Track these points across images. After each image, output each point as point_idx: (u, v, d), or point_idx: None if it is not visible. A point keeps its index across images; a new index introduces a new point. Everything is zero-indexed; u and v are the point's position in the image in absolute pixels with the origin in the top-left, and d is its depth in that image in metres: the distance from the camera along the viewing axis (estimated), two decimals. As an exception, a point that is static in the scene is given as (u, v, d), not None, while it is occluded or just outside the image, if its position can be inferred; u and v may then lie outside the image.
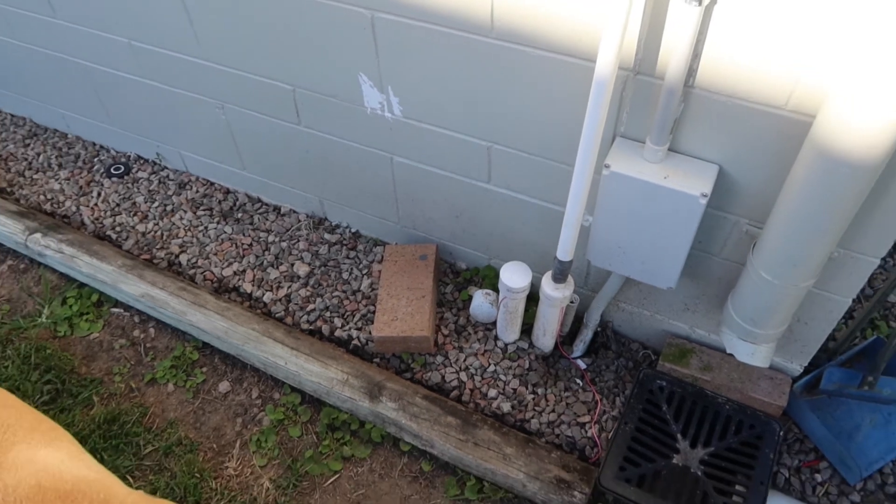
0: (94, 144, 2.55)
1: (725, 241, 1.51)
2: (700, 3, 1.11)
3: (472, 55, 1.45)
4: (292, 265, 2.12)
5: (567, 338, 1.92)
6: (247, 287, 2.07)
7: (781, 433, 1.67)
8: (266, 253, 2.15)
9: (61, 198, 2.36)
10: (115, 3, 1.89)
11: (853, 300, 1.49)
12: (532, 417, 1.77)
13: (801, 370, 1.71)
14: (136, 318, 2.07)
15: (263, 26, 1.68)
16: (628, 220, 1.45)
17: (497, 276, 1.85)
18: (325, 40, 1.62)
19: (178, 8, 1.78)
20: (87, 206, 2.32)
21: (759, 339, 1.52)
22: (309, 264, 2.11)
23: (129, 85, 2.15)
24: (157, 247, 2.20)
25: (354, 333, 1.94)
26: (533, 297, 1.82)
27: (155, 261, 2.16)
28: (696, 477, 1.61)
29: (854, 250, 1.36)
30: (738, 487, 1.60)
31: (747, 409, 1.70)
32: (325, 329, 1.96)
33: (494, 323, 1.92)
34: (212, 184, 2.37)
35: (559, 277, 1.63)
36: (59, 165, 2.48)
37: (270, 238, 2.19)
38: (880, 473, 1.69)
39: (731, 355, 1.67)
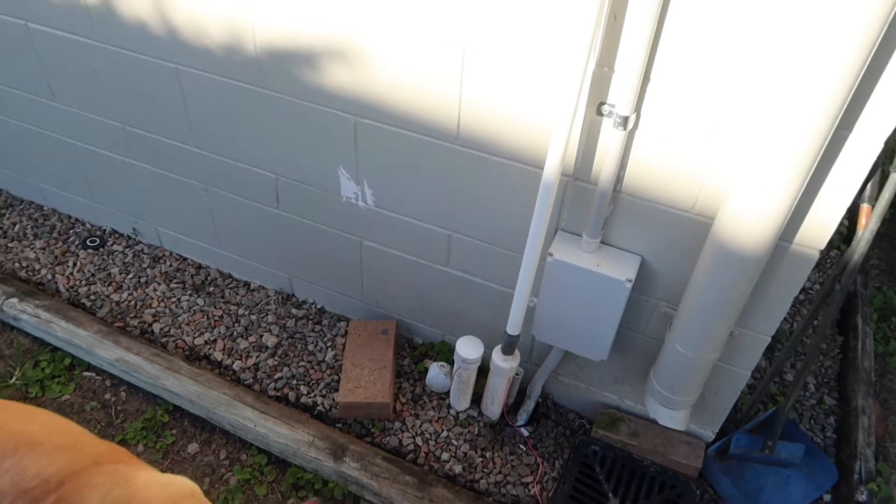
0: (70, 217, 2.69)
1: (648, 320, 1.79)
2: (625, 128, 1.42)
3: (439, 157, 1.73)
4: (261, 336, 2.28)
5: (512, 408, 2.13)
6: (217, 355, 2.22)
7: (698, 492, 1.90)
8: (236, 324, 2.32)
9: (37, 266, 2.48)
10: (116, 92, 2.11)
11: (756, 376, 1.78)
12: (481, 478, 1.95)
13: (714, 436, 1.97)
14: (108, 382, 2.18)
15: (255, 119, 1.93)
16: (567, 301, 1.72)
17: (451, 350, 2.07)
18: (313, 138, 1.88)
19: (177, 100, 2.01)
20: (63, 275, 2.45)
21: (677, 405, 1.78)
22: (277, 336, 2.28)
23: (117, 165, 2.34)
24: (131, 315, 2.33)
25: (319, 400, 2.10)
26: (482, 370, 2.04)
27: (128, 328, 2.29)
28: (625, 531, 1.82)
29: (749, 329, 1.66)
30: (661, 540, 1.81)
31: (669, 471, 1.94)
32: (292, 396, 2.12)
33: (448, 393, 2.12)
34: (185, 259, 2.54)
35: (508, 350, 1.87)
36: (35, 235, 2.60)
37: (240, 311, 2.36)
38: (782, 529, 1.93)
39: (655, 422, 1.93)
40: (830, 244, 2.76)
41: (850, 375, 2.28)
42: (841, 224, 2.78)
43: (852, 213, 1.94)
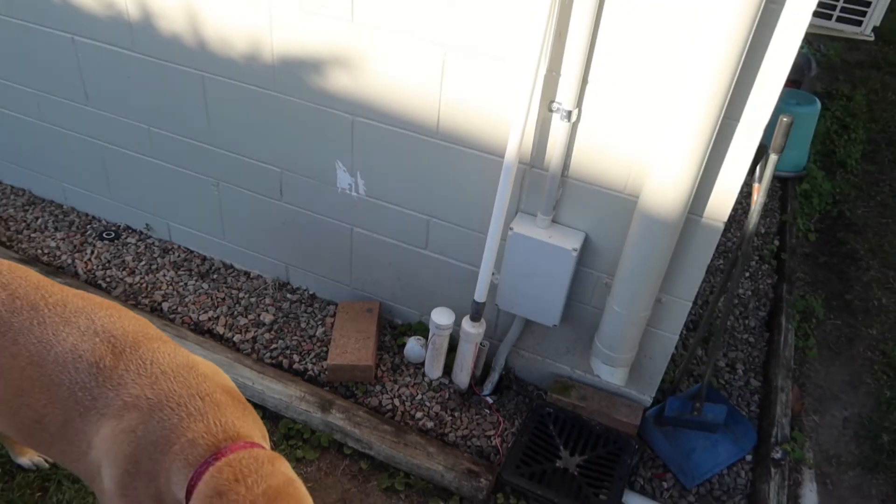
0: (88, 214, 3.00)
1: (592, 292, 2.13)
2: (570, 121, 1.80)
3: (422, 150, 2.09)
4: (259, 315, 2.58)
5: (479, 380, 2.44)
6: (220, 329, 2.51)
7: (636, 447, 2.21)
8: (237, 305, 2.62)
9: (57, 252, 2.77)
10: (145, 96, 2.46)
11: (684, 353, 2.11)
12: (450, 432, 2.24)
13: (651, 401, 2.29)
14: (122, 349, 2.45)
15: (267, 120, 2.29)
16: (525, 269, 2.06)
17: (427, 329, 2.38)
18: (315, 135, 2.23)
19: (200, 104, 2.37)
20: (81, 261, 2.74)
21: (617, 362, 2.11)
22: (273, 315, 2.59)
23: (138, 164, 2.67)
24: (143, 295, 2.62)
25: (310, 367, 2.39)
26: (453, 346, 2.36)
27: (140, 306, 2.58)
28: (573, 475, 2.11)
29: (673, 295, 2.01)
30: (604, 483, 2.11)
31: (612, 430, 2.24)
32: (285, 363, 2.41)
33: (423, 363, 2.43)
34: (191, 251, 2.85)
35: (475, 316, 2.20)
36: (56, 228, 2.90)
37: (241, 294, 2.66)
38: (709, 482, 2.23)
39: (601, 390, 2.25)
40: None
41: (772, 362, 2.63)
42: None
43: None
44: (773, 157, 1.73)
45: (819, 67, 5.07)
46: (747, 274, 3.07)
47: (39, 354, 1.33)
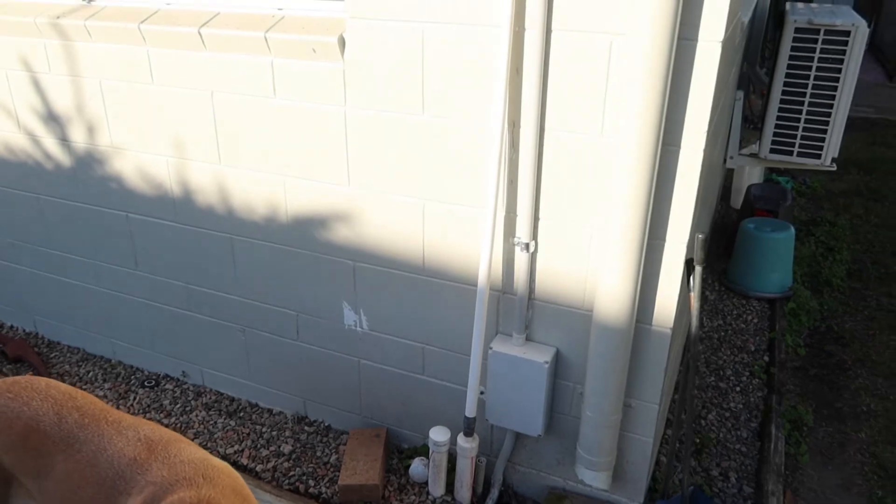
0: (132, 366, 3.37)
1: (570, 402, 2.36)
2: (528, 251, 2.16)
3: (412, 287, 2.45)
4: (279, 446, 2.84)
5: (481, 498, 2.61)
6: (244, 461, 2.77)
7: (629, 552, 2.32)
8: (260, 438, 2.88)
9: (105, 401, 3.11)
10: (184, 258, 2.91)
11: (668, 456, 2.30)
12: (452, 545, 2.39)
13: (640, 507, 2.43)
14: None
15: (285, 270, 2.69)
16: (506, 384, 2.32)
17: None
18: (323, 280, 2.62)
19: (229, 261, 2.80)
20: (125, 406, 3.08)
21: (598, 466, 2.29)
22: (292, 446, 2.84)
23: (178, 317, 3.08)
24: (177, 434, 2.91)
25: (323, 490, 2.61)
26: (454, 464, 2.56)
27: (174, 443, 2.86)
28: (567, 581, 2.23)
29: (640, 399, 2.23)
30: (597, 587, 2.21)
31: (605, 536, 2.37)
32: (301, 488, 2.63)
33: (427, 482, 2.62)
34: (221, 393, 3.17)
35: (468, 431, 2.43)
36: (104, 379, 3.27)
37: (263, 429, 2.94)
38: (704, 587, 2.31)
39: (593, 498, 2.42)
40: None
41: (764, 469, 2.74)
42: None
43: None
44: (698, 269, 2.03)
45: (803, 198, 5.45)
46: (738, 388, 3.24)
47: (95, 457, 1.64)
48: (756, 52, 5.36)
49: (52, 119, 2.96)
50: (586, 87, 1.95)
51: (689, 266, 2.04)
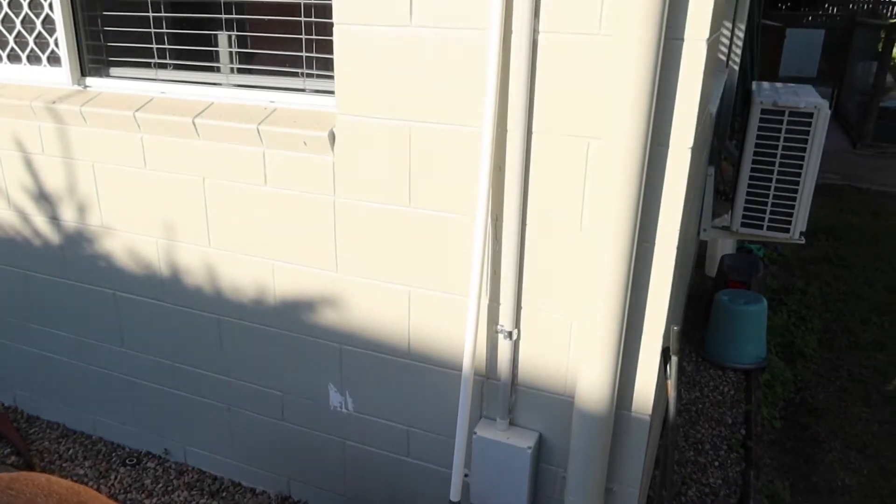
0: (113, 443, 3.34)
1: (555, 487, 2.40)
2: (511, 339, 2.23)
3: (398, 369, 2.50)
4: (262, 528, 2.82)
5: (465, 581, 2.61)
6: (225, 544, 2.74)
7: None
8: (242, 520, 2.87)
9: (85, 480, 3.08)
10: (171, 337, 2.93)
11: (637, 525, 2.34)
12: None
13: (624, 591, 2.44)
14: (136, 568, 2.67)
15: (271, 351, 2.73)
16: (491, 468, 2.36)
17: (414, 530, 2.61)
18: (310, 362, 2.66)
19: (216, 341, 2.83)
20: (105, 486, 3.04)
21: (580, 551, 2.31)
22: (275, 527, 2.83)
23: (162, 395, 3.08)
24: (158, 515, 2.89)
25: (306, 575, 2.59)
26: (439, 544, 2.57)
27: (155, 526, 2.84)
28: None
29: (622, 483, 2.28)
30: None
31: None
32: (284, 573, 2.61)
33: (411, 566, 2.62)
34: (204, 472, 3.15)
35: (452, 516, 2.45)
36: (84, 457, 3.24)
37: (246, 510, 2.92)
38: None
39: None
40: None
41: (743, 547, 2.78)
42: (735, 430, 3.42)
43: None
44: (674, 359, 2.11)
45: (775, 265, 5.61)
46: (717, 463, 3.29)
47: None
48: (726, 127, 5.60)
49: (44, 198, 3.01)
50: (565, 186, 2.05)
51: (665, 355, 2.12)
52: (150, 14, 2.68)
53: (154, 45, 2.72)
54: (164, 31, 2.70)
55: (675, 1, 1.80)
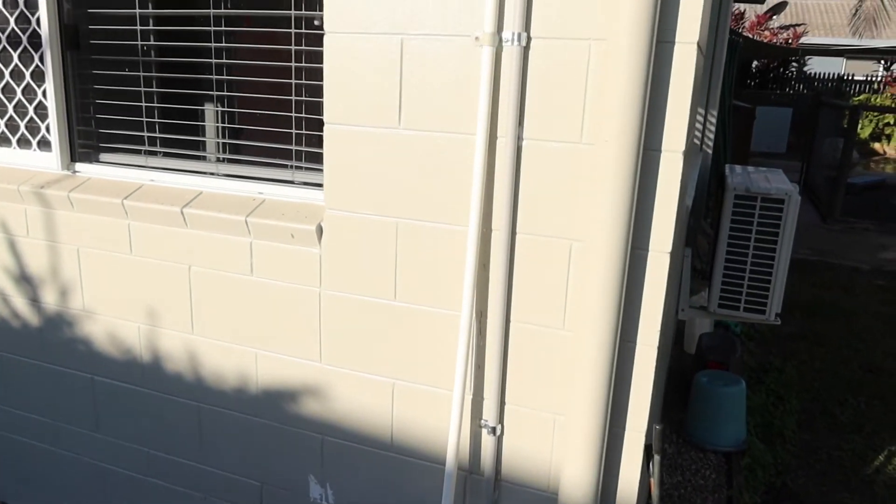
0: (82, 532, 3.23)
1: (538, 584, 2.36)
2: (495, 434, 2.23)
3: (379, 462, 2.47)
4: None
5: None
6: None
7: None
8: None
9: (50, 574, 2.96)
10: (148, 423, 2.88)
11: None
12: None
13: None
14: None
15: (252, 441, 2.69)
16: (474, 567, 2.31)
17: None
18: (290, 452, 2.62)
19: (195, 429, 2.79)
20: (72, 580, 2.93)
21: None
22: None
23: (136, 483, 3.00)
24: None
25: None
26: None
27: None
28: None
29: (605, 583, 2.25)
30: None
31: None
32: None
33: None
34: (176, 563, 3.05)
35: None
36: (51, 548, 3.12)
37: None
38: None
39: None
40: (713, 535, 3.35)
41: None
42: (718, 517, 3.41)
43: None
44: (656, 458, 2.12)
45: (752, 342, 5.69)
46: (700, 552, 3.26)
47: None
48: (701, 206, 5.76)
49: (25, 280, 2.99)
50: (549, 285, 2.10)
51: (648, 453, 2.13)
52: (143, 104, 2.75)
53: (145, 133, 2.78)
54: (156, 120, 2.76)
55: (653, 116, 1.90)
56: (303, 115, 2.47)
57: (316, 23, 2.40)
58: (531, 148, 2.04)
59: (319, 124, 2.33)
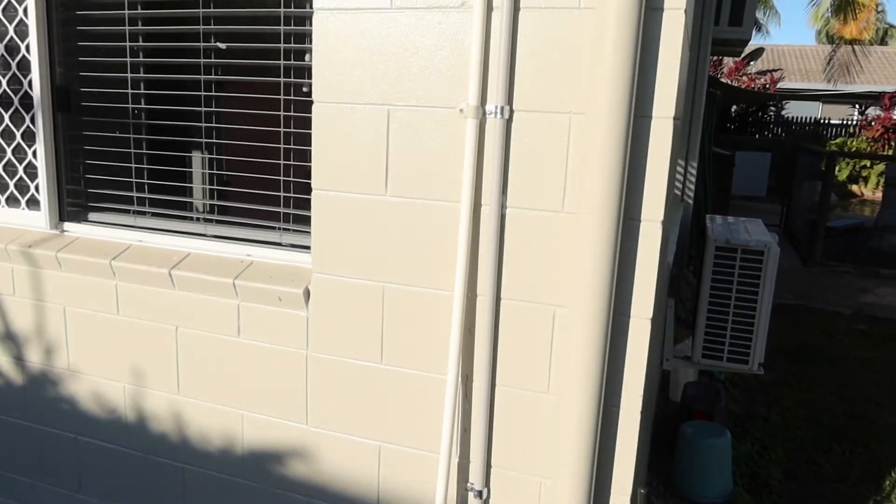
0: None
1: None
2: (481, 499, 2.23)
3: (366, 525, 2.46)
4: None
5: None
6: None
7: None
8: None
9: None
10: (132, 486, 2.85)
11: None
12: None
13: None
14: None
15: (232, 502, 2.67)
16: None
17: None
18: (275, 514, 2.60)
19: (179, 490, 2.76)
20: None
21: None
22: None
23: (117, 545, 2.96)
24: None
25: None
26: None
27: None
28: None
29: None
30: None
31: None
32: None
33: None
34: None
35: None
36: None
37: None
38: None
39: None
40: (701, 592, 3.33)
41: None
42: (706, 573, 3.39)
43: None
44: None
45: (736, 389, 5.72)
46: None
47: None
48: (684, 255, 5.84)
49: (10, 338, 2.98)
50: (533, 349, 2.14)
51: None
52: (133, 165, 2.79)
53: (134, 194, 2.81)
54: (146, 181, 2.79)
55: (633, 186, 1.96)
56: (291, 178, 2.52)
57: (304, 89, 2.47)
58: (514, 216, 2.10)
59: (307, 187, 2.38)
